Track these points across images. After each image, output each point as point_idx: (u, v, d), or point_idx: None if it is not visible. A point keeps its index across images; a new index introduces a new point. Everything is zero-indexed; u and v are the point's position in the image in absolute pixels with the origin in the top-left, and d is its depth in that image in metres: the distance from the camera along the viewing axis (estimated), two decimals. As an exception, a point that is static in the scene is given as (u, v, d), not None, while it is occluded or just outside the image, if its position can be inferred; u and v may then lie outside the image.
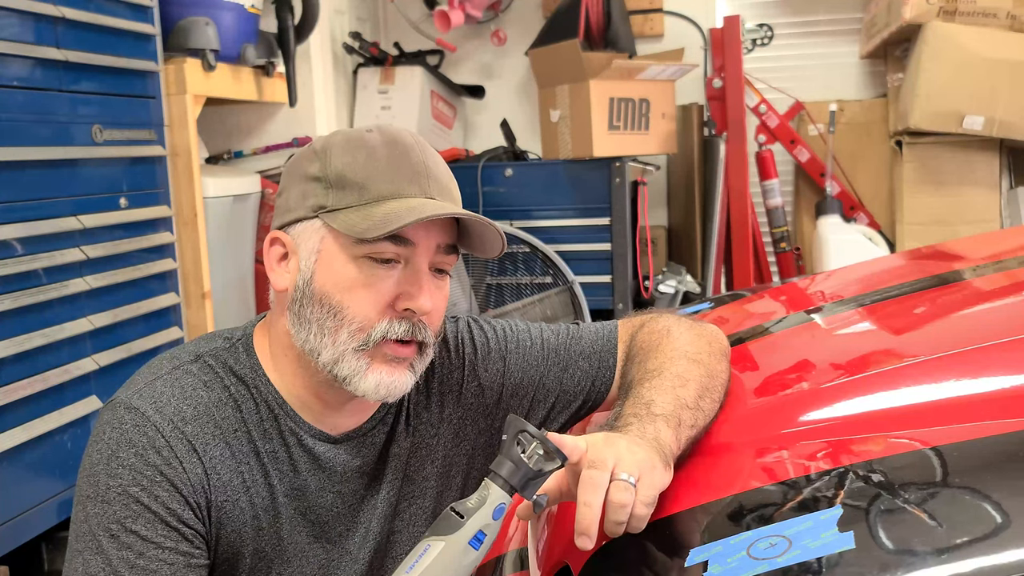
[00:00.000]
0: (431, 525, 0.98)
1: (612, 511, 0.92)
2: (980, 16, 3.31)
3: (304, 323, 1.06)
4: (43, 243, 1.92)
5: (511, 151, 3.66)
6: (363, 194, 1.04)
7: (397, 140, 1.07)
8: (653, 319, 1.23)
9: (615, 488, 0.93)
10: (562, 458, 0.94)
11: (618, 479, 0.93)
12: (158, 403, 1.05)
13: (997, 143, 3.39)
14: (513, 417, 0.97)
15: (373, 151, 1.05)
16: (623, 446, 0.97)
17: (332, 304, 1.04)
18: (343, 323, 1.04)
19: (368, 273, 1.04)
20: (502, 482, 0.95)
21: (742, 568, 0.81)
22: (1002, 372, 1.08)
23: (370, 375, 1.05)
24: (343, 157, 1.05)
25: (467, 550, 0.94)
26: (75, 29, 2.03)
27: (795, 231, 3.92)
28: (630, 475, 0.94)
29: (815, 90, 3.87)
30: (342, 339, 1.04)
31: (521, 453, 0.94)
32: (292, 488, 1.11)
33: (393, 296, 1.04)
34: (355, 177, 1.04)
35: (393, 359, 1.06)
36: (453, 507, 0.96)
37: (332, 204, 1.04)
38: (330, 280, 1.04)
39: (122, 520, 1.00)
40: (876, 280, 1.73)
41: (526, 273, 3.31)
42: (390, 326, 1.04)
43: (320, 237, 1.05)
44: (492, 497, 0.95)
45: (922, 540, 0.80)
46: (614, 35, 3.59)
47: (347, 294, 1.04)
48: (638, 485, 0.93)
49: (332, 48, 3.53)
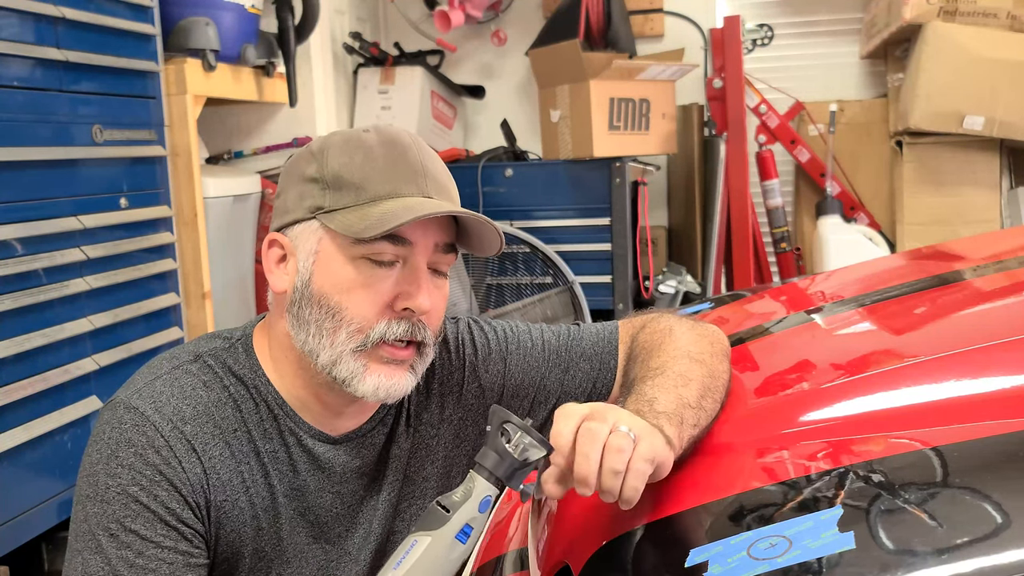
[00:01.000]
0: (418, 520, 0.98)
1: (609, 456, 0.91)
2: (980, 16, 3.31)
3: (303, 324, 1.06)
4: (43, 243, 1.92)
5: (511, 151, 3.66)
6: (360, 194, 1.03)
7: (395, 140, 1.06)
8: (654, 319, 1.23)
9: (614, 436, 0.92)
10: (547, 447, 0.94)
11: (618, 431, 0.92)
12: (157, 403, 1.05)
13: (997, 143, 3.39)
14: (497, 408, 0.97)
15: (370, 151, 1.05)
16: (625, 412, 0.96)
17: (330, 305, 1.04)
18: (341, 324, 1.04)
19: (366, 274, 1.03)
20: (487, 474, 0.94)
21: (742, 568, 0.81)
22: (1003, 372, 1.07)
23: (369, 377, 1.05)
24: (340, 158, 1.05)
25: (454, 544, 0.93)
26: (75, 29, 2.03)
27: (795, 231, 3.92)
28: (631, 430, 0.93)
29: (815, 90, 3.87)
30: (340, 340, 1.04)
31: (506, 443, 0.94)
32: (292, 488, 1.11)
33: (391, 296, 1.04)
34: (352, 178, 1.04)
35: (391, 361, 1.05)
36: (439, 501, 0.95)
37: (329, 205, 1.04)
38: (328, 281, 1.04)
39: (121, 519, 1.00)
40: (876, 280, 1.73)
41: (526, 273, 3.31)
42: (388, 327, 1.04)
43: (318, 238, 1.05)
44: (478, 490, 0.94)
45: (922, 540, 0.80)
46: (614, 35, 3.59)
47: (345, 295, 1.04)
48: (638, 442, 0.93)
49: (332, 48, 3.53)
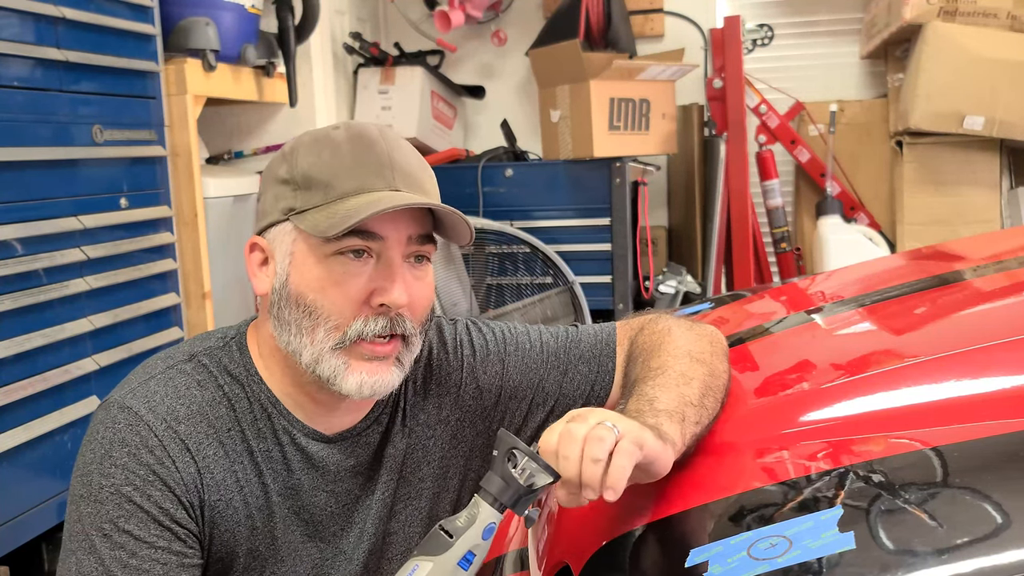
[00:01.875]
0: (419, 543, 0.97)
1: (590, 444, 0.90)
2: (980, 16, 3.31)
3: (284, 325, 1.06)
4: (43, 243, 1.92)
5: (511, 151, 3.66)
6: (328, 192, 1.03)
7: (362, 135, 1.06)
8: (652, 321, 1.22)
9: (594, 429, 0.91)
10: (553, 474, 0.93)
11: (601, 424, 0.92)
12: (151, 402, 1.05)
13: (997, 143, 3.39)
14: (504, 433, 0.96)
15: (337, 148, 1.04)
16: (611, 412, 0.96)
17: (307, 304, 1.04)
18: (319, 322, 1.04)
19: (338, 271, 1.03)
20: (492, 499, 0.94)
21: (742, 568, 0.81)
22: (1002, 372, 1.08)
23: (351, 375, 1.04)
24: (308, 157, 1.05)
25: (456, 571, 0.93)
26: (75, 29, 2.03)
27: (795, 231, 3.92)
28: (615, 425, 0.92)
29: (815, 90, 3.87)
30: (319, 338, 1.04)
31: (512, 469, 0.93)
32: (286, 487, 1.11)
33: (367, 292, 1.04)
34: (320, 176, 1.04)
35: (373, 358, 1.05)
36: (442, 525, 0.95)
37: (300, 205, 1.04)
38: (303, 281, 1.04)
39: (115, 520, 1.00)
40: (876, 280, 1.73)
41: (526, 273, 3.31)
42: (366, 324, 1.04)
43: (292, 239, 1.05)
44: (482, 516, 0.94)
45: (922, 540, 0.80)
46: (614, 35, 3.59)
47: (320, 293, 1.03)
48: (622, 436, 0.92)
49: (332, 48, 3.53)
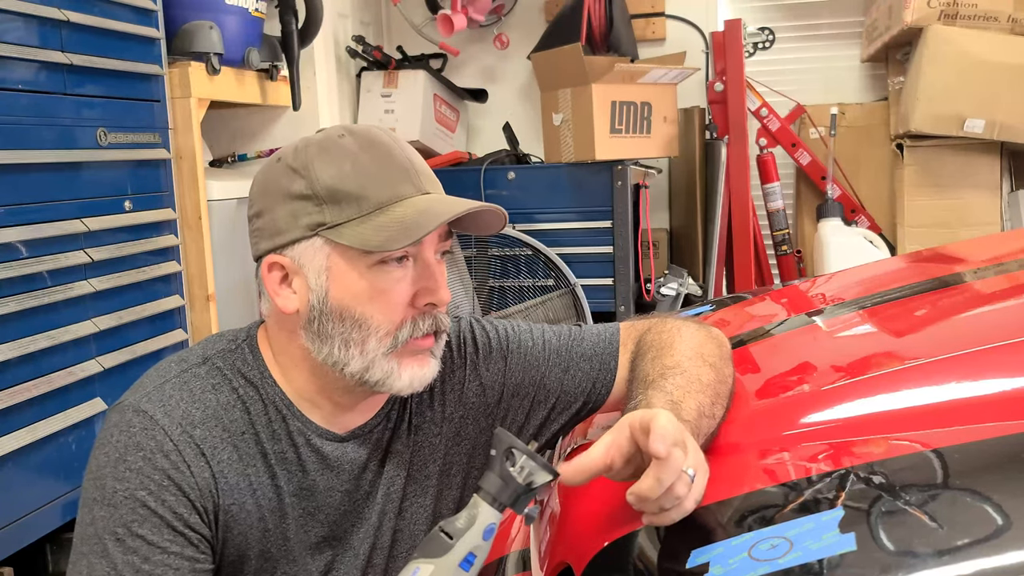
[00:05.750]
0: (420, 545, 0.98)
1: (667, 498, 0.91)
2: (981, 19, 3.31)
3: (326, 339, 1.06)
4: (48, 246, 1.93)
5: (514, 154, 3.66)
6: (363, 205, 1.03)
7: (373, 141, 1.06)
8: (660, 321, 1.23)
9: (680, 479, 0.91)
10: (552, 472, 0.93)
11: (685, 471, 0.92)
12: (167, 407, 1.05)
13: (998, 146, 3.39)
14: (502, 432, 0.96)
15: (356, 158, 1.04)
16: (690, 439, 0.95)
17: (355, 316, 1.04)
18: (370, 332, 1.04)
19: (383, 279, 1.04)
20: (491, 499, 0.94)
21: (743, 569, 0.82)
22: (1003, 374, 1.08)
23: (404, 373, 1.06)
24: (328, 169, 1.03)
25: (457, 573, 0.94)
26: (80, 33, 2.04)
27: (796, 234, 3.92)
28: (694, 470, 0.93)
29: (816, 93, 3.87)
30: (371, 347, 1.05)
31: (511, 468, 0.94)
32: (300, 488, 1.11)
33: (411, 295, 1.05)
34: (349, 188, 1.03)
35: (419, 352, 1.07)
36: (442, 527, 0.95)
37: (332, 220, 1.03)
38: (347, 294, 1.04)
39: (128, 524, 0.99)
40: (877, 283, 1.74)
41: (528, 276, 3.32)
42: (414, 325, 1.06)
43: (326, 255, 1.04)
44: (482, 517, 0.94)
45: (923, 542, 0.81)
46: (616, 39, 3.59)
47: (368, 304, 1.04)
48: (695, 481, 0.93)
49: (336, 52, 3.54)
